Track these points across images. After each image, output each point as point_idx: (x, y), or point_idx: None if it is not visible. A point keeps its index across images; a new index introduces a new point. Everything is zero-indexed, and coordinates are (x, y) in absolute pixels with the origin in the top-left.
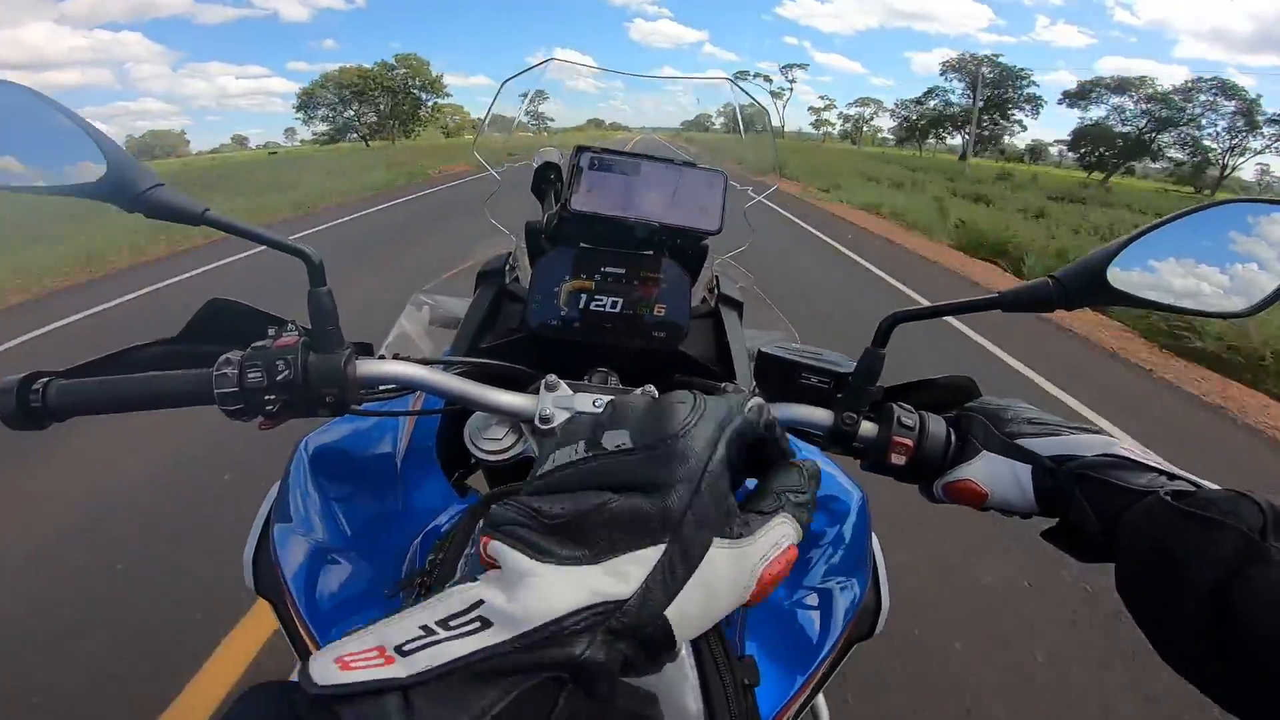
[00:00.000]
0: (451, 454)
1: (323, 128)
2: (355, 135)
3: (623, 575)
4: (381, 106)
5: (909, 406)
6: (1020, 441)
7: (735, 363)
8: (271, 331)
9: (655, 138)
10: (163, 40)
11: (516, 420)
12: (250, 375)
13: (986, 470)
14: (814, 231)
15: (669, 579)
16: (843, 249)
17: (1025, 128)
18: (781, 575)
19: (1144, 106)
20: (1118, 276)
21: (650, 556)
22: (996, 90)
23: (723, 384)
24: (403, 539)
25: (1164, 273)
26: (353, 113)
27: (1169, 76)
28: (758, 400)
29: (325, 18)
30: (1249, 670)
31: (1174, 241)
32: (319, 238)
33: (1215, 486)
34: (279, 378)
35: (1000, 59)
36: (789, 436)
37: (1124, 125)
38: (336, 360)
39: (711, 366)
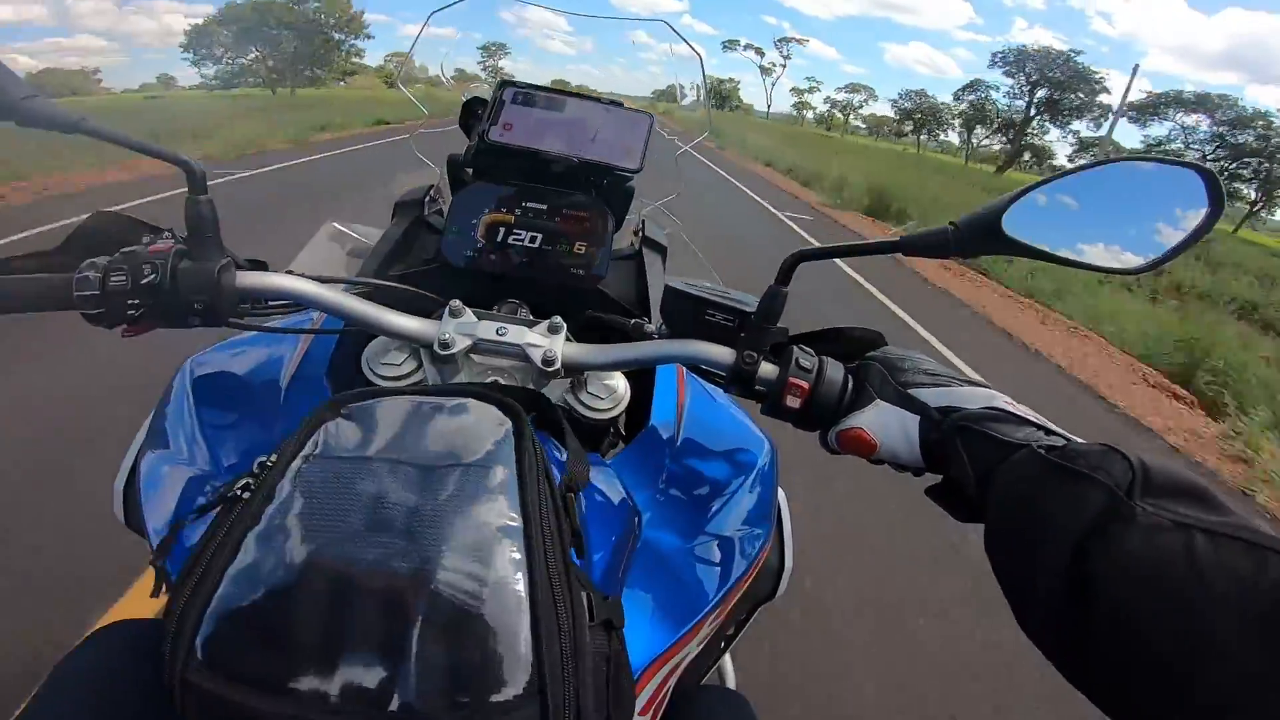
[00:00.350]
0: (346, 381)
1: (211, 70)
2: (255, 80)
3: None
4: (285, 47)
5: (809, 350)
6: (912, 391)
7: (652, 307)
8: (146, 239)
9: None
10: None
11: (416, 346)
12: (114, 279)
13: (878, 419)
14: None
15: None
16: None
17: (1082, 142)
18: None
19: (1221, 129)
20: (1014, 226)
21: None
22: (1059, 93)
23: (631, 320)
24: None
25: (1059, 226)
26: (256, 54)
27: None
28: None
29: None
30: (1098, 641)
31: (1070, 196)
32: None
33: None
34: (143, 281)
35: (1078, 56)
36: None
37: (1187, 147)
38: (210, 268)
39: (629, 309)
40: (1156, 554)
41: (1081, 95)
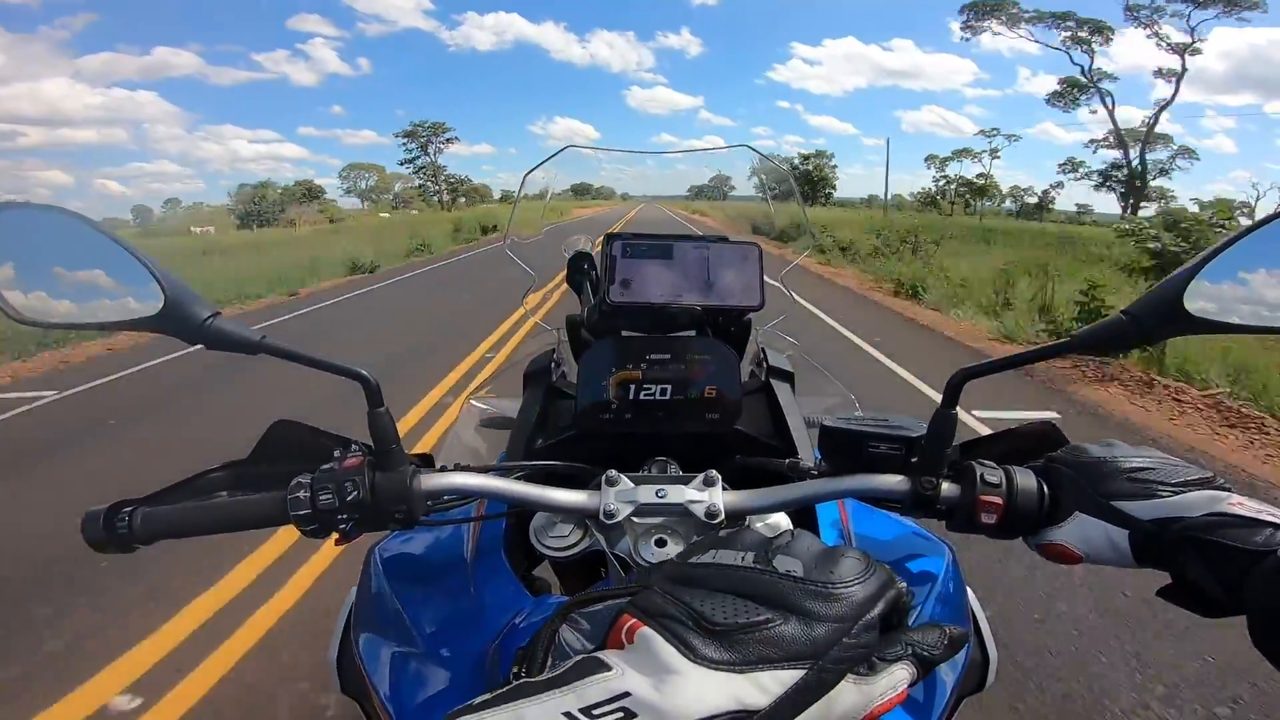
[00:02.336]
0: (519, 548)
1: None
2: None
3: (763, 688)
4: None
5: (991, 463)
6: (1116, 504)
7: (794, 436)
8: (337, 453)
9: (658, 207)
10: (178, 101)
11: (580, 517)
12: (322, 497)
13: (1080, 534)
14: None
15: (797, 699)
16: None
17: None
18: (888, 709)
19: None
20: (1196, 302)
21: (789, 677)
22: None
23: (786, 460)
24: (479, 638)
25: (1243, 292)
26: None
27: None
28: (904, 584)
29: (333, 83)
30: None
31: (1250, 258)
32: None
33: None
34: (349, 498)
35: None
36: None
37: None
38: (401, 478)
39: (769, 442)
40: None
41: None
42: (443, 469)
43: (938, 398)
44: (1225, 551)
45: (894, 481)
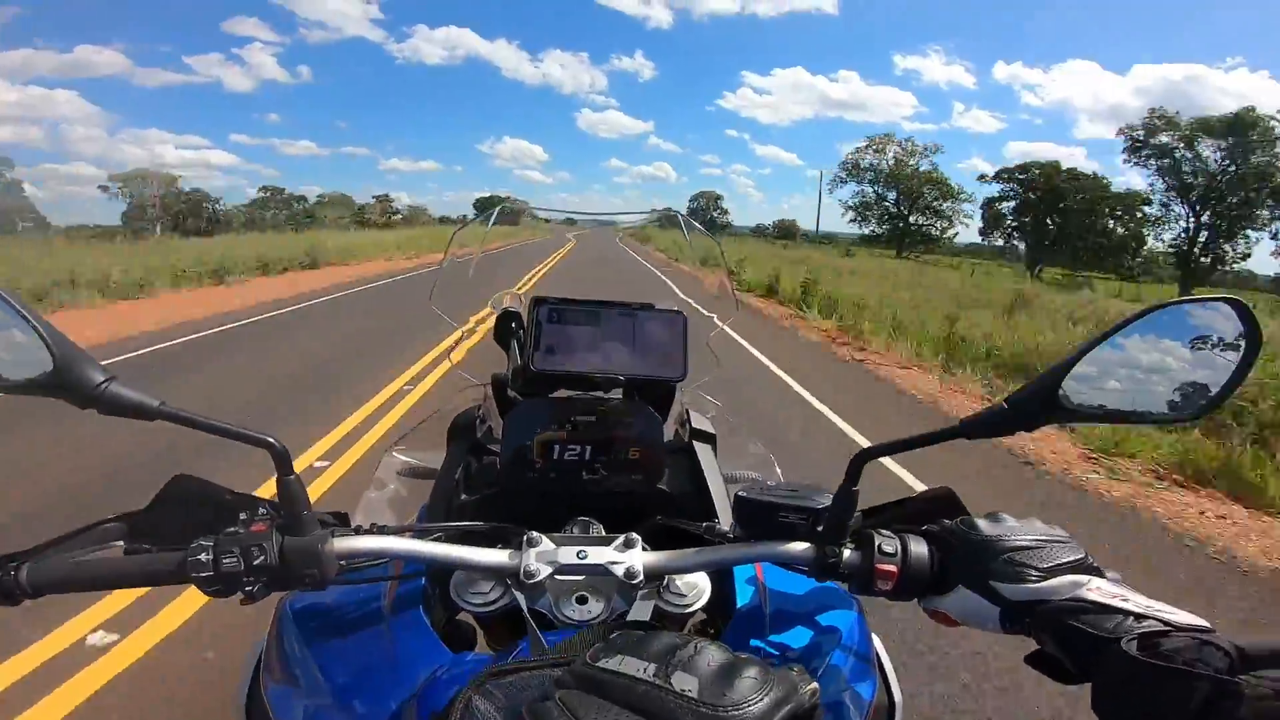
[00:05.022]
0: (441, 599)
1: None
2: None
3: None
4: None
5: (889, 533)
6: (993, 583)
7: (714, 498)
8: (243, 515)
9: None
10: (99, 101)
11: (501, 576)
12: (226, 561)
13: (959, 605)
14: None
15: None
16: None
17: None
18: None
19: None
20: (1069, 394)
21: None
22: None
23: (703, 524)
24: (396, 693)
25: (1114, 384)
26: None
27: (1069, 159)
28: (814, 686)
29: (269, 90)
30: None
31: (1121, 350)
32: None
33: (1183, 619)
34: (255, 562)
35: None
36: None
37: None
38: (312, 543)
39: (690, 503)
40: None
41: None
42: (358, 529)
43: (779, 370)
44: (1079, 634)
45: (801, 549)
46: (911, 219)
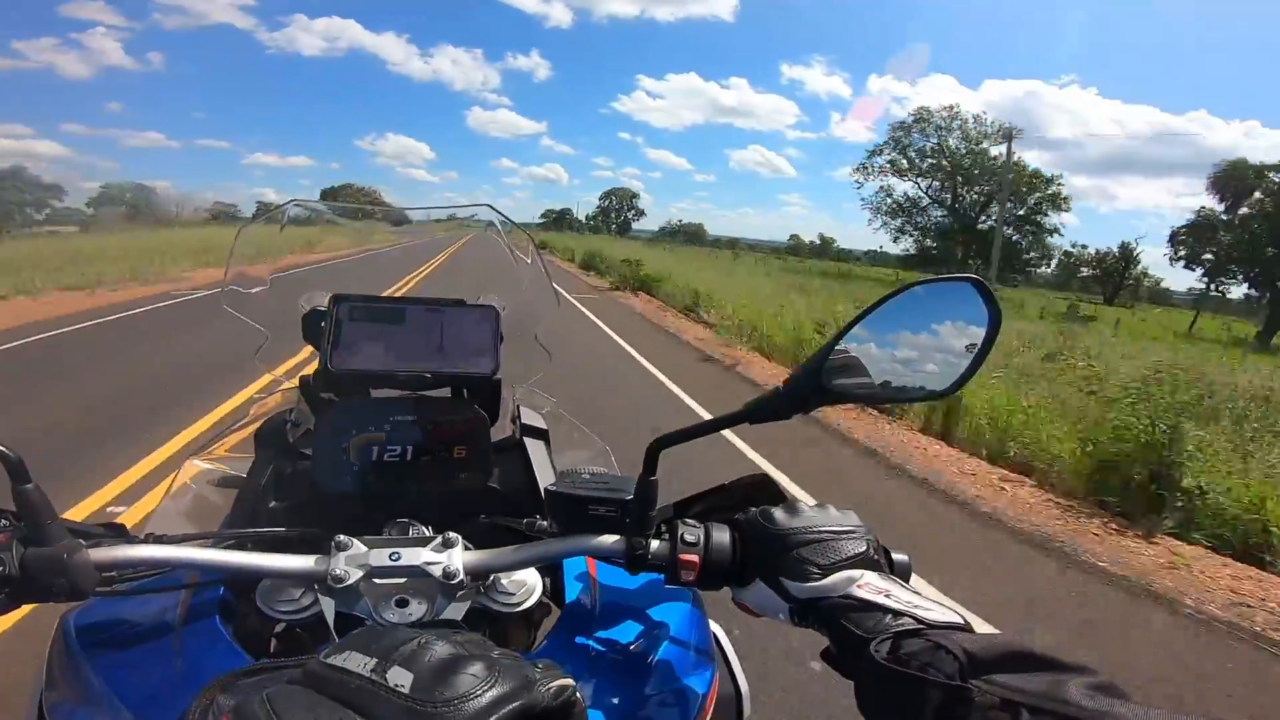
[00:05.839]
0: (244, 616)
1: None
2: None
3: None
4: None
5: (693, 522)
6: (782, 579)
7: (543, 494)
8: None
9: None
10: None
11: (309, 582)
12: None
13: (757, 599)
14: None
15: None
16: None
17: None
18: None
19: None
20: (832, 378)
21: None
22: None
23: (525, 520)
24: (178, 704)
25: (872, 366)
26: None
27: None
28: (563, 682)
29: (111, 77)
30: None
31: (876, 332)
32: None
33: (936, 616)
34: None
35: None
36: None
37: None
38: (57, 554)
39: (520, 501)
40: None
41: None
42: (131, 539)
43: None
44: (846, 631)
45: (611, 541)
46: (982, 230)
